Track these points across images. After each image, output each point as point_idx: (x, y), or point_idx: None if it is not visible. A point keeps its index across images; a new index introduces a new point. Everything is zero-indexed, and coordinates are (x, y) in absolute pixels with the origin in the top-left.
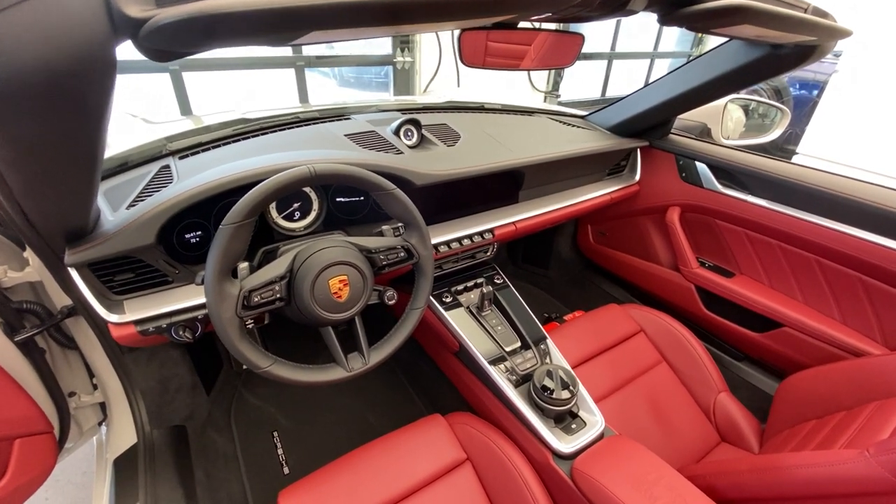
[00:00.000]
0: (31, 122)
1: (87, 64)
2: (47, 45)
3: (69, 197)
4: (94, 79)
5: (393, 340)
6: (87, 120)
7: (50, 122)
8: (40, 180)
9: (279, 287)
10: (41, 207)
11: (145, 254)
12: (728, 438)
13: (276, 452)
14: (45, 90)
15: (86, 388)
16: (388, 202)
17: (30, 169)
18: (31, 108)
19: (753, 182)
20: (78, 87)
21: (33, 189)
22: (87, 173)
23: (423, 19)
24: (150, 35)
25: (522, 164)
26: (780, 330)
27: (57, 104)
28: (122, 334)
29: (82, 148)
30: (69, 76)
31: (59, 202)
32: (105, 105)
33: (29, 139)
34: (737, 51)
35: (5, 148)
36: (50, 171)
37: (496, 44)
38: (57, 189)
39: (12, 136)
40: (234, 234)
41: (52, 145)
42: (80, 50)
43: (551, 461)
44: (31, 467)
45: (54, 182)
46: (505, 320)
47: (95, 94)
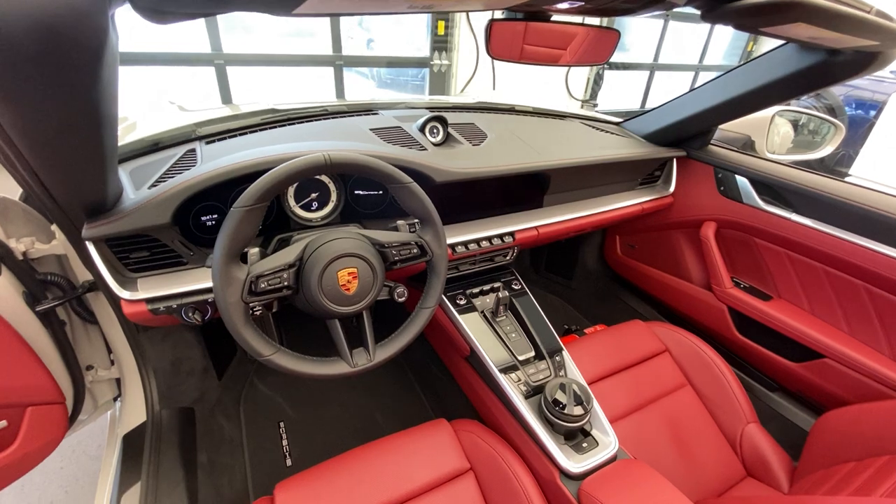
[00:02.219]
0: (22, 82)
1: (77, 25)
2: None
3: (82, 169)
4: (85, 42)
5: (400, 339)
6: (82, 86)
7: (41, 83)
8: (48, 150)
9: (287, 275)
10: (57, 179)
11: (161, 233)
12: (755, 473)
13: (281, 443)
14: (33, 47)
15: (103, 362)
16: (404, 196)
17: (35, 136)
18: (20, 67)
19: (799, 199)
20: (68, 49)
21: (44, 159)
22: (94, 144)
23: None
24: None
25: (549, 167)
26: (819, 361)
27: (46, 65)
28: (134, 311)
29: (84, 117)
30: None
31: (72, 174)
32: (98, 72)
33: (25, 101)
34: (789, 57)
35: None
36: (55, 140)
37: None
38: (67, 160)
39: (8, 98)
40: (244, 217)
41: (51, 111)
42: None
43: (558, 480)
44: (40, 435)
45: (62, 152)
46: (520, 328)
47: (87, 59)
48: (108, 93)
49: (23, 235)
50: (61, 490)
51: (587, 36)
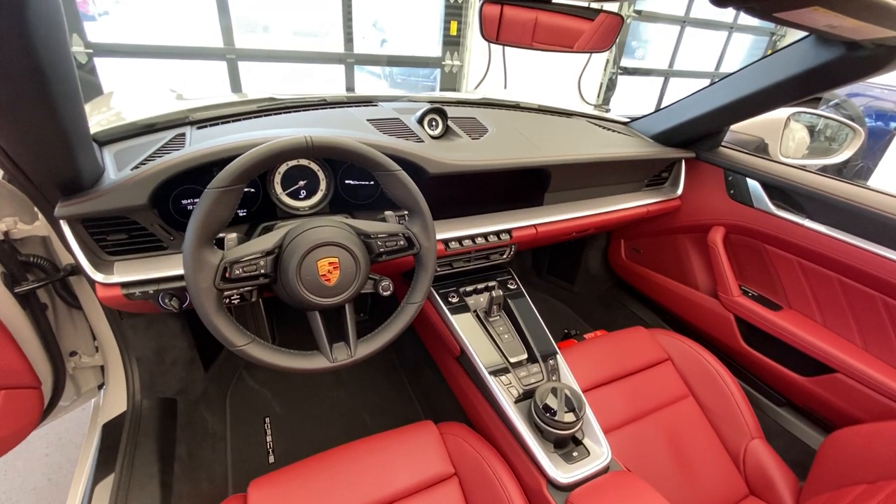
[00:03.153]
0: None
1: None
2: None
3: (44, 140)
4: None
5: (383, 335)
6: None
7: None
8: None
9: (264, 262)
10: (23, 153)
11: (139, 215)
12: (758, 492)
13: (265, 439)
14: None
15: (88, 349)
16: (391, 184)
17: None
18: None
19: (813, 205)
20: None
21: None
22: (47, 111)
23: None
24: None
25: (549, 163)
26: (831, 376)
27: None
28: (108, 295)
29: (23, 77)
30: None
31: (35, 147)
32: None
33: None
34: (806, 52)
35: None
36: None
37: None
38: (24, 129)
39: None
40: (218, 198)
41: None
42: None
43: (545, 490)
44: (12, 421)
45: (17, 119)
46: (513, 329)
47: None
48: (47, 45)
49: (6, 215)
50: (44, 478)
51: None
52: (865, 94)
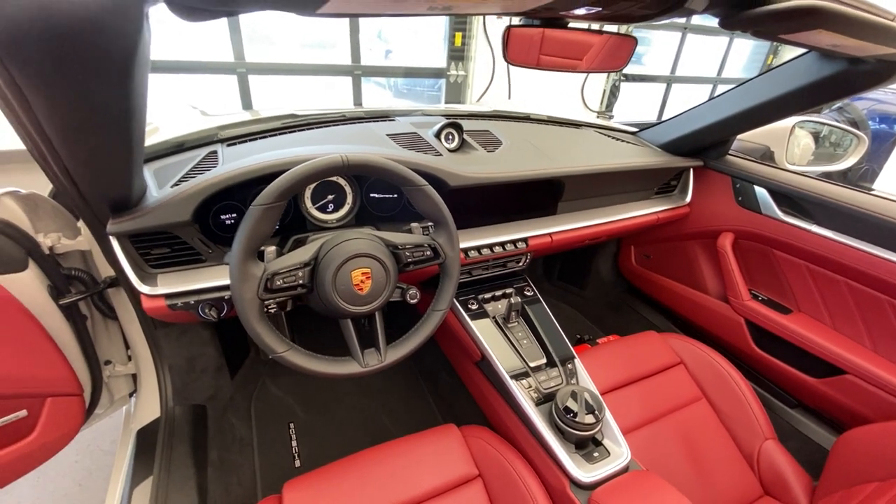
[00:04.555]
0: (58, 77)
1: (115, 20)
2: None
3: (110, 165)
4: (122, 38)
5: (411, 340)
6: (115, 81)
7: (78, 76)
8: (80, 144)
9: (302, 273)
10: (86, 174)
11: (182, 230)
12: (772, 492)
13: (290, 444)
14: (73, 40)
15: (121, 358)
16: (418, 199)
17: (68, 129)
18: (56, 59)
19: (820, 211)
20: (105, 43)
21: (75, 153)
22: (123, 140)
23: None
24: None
25: (563, 173)
26: (841, 377)
27: (84, 58)
28: (152, 306)
29: (114, 110)
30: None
31: (100, 169)
32: (131, 68)
33: (61, 93)
34: (809, 66)
35: (45, 108)
36: (86, 135)
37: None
38: (97, 155)
39: (47, 93)
40: (262, 215)
41: (85, 104)
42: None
43: (568, 489)
44: (58, 426)
45: (93, 146)
46: (532, 335)
47: (122, 55)
48: (138, 90)
49: (50, 231)
50: (75, 483)
51: (605, 43)
52: (868, 98)
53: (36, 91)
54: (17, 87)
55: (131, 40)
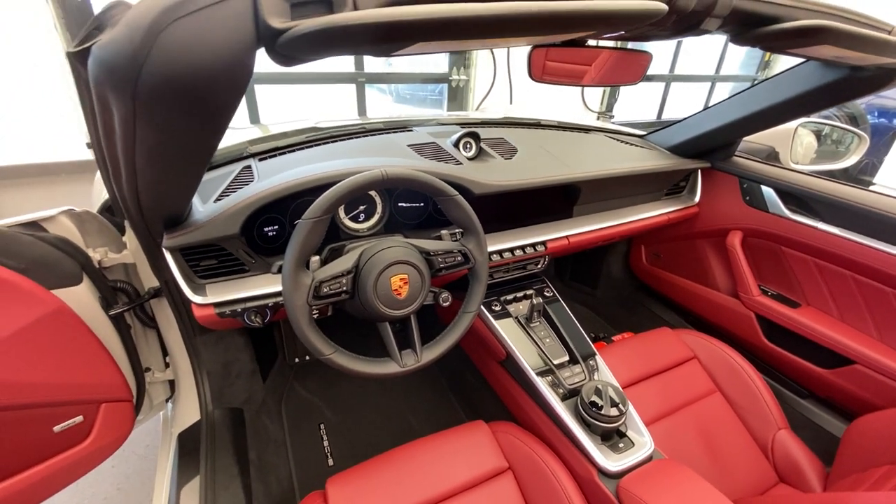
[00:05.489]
0: (179, 117)
1: (234, 69)
2: (210, 50)
3: (180, 188)
4: (235, 83)
5: (445, 341)
6: (219, 119)
7: (193, 118)
8: (166, 172)
9: (346, 280)
10: (155, 197)
11: (228, 243)
12: (787, 479)
13: (321, 444)
14: (200, 88)
15: (159, 365)
16: (450, 208)
17: (163, 161)
18: (185, 104)
19: (826, 208)
20: (222, 88)
21: (157, 180)
22: (200, 168)
23: (515, 33)
24: (288, 43)
25: (580, 178)
26: (850, 367)
27: (204, 103)
28: (203, 314)
29: (206, 145)
30: (219, 79)
31: (171, 193)
32: (235, 107)
33: (173, 133)
34: (813, 72)
35: (152, 140)
36: (175, 165)
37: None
38: (174, 181)
39: (162, 129)
40: (312, 228)
41: (187, 140)
42: (231, 56)
43: (596, 478)
44: (111, 430)
45: (175, 174)
46: (553, 333)
47: (232, 97)
48: (225, 127)
49: (98, 245)
50: (113, 488)
51: (623, 58)
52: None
53: (150, 126)
54: (133, 121)
55: (242, 88)
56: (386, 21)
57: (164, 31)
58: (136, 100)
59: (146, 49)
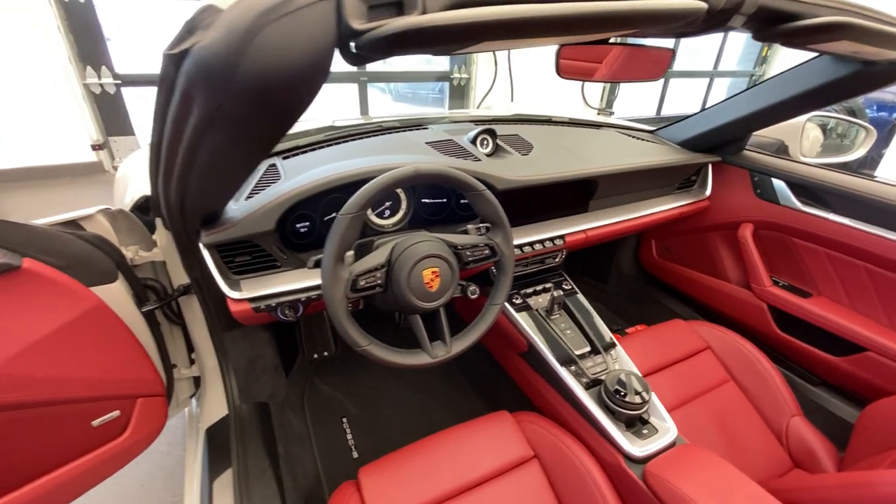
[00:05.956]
0: (260, 114)
1: (315, 68)
2: (298, 50)
3: (230, 187)
4: (314, 82)
5: (473, 332)
6: (292, 117)
7: (272, 115)
8: (224, 170)
9: (380, 274)
10: (202, 195)
11: (262, 239)
12: (802, 465)
13: (345, 437)
14: (285, 87)
15: (184, 361)
16: (479, 203)
17: (226, 159)
18: (270, 102)
19: (837, 200)
20: (303, 87)
21: (212, 178)
22: (255, 166)
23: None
24: (366, 44)
25: (598, 173)
26: (862, 354)
27: (286, 100)
28: (239, 309)
29: (270, 142)
30: (301, 78)
31: (220, 191)
32: (308, 105)
33: (248, 130)
34: (825, 67)
35: (223, 138)
36: (236, 162)
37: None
38: (229, 179)
39: (239, 126)
40: (350, 223)
41: (256, 138)
42: (315, 55)
43: (623, 463)
44: (147, 425)
45: (232, 172)
46: (574, 325)
47: (308, 95)
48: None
49: (129, 244)
50: (138, 484)
51: (646, 55)
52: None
53: (228, 124)
54: (213, 119)
55: (319, 86)
56: (463, 23)
57: (259, 34)
58: (227, 98)
59: (243, 50)
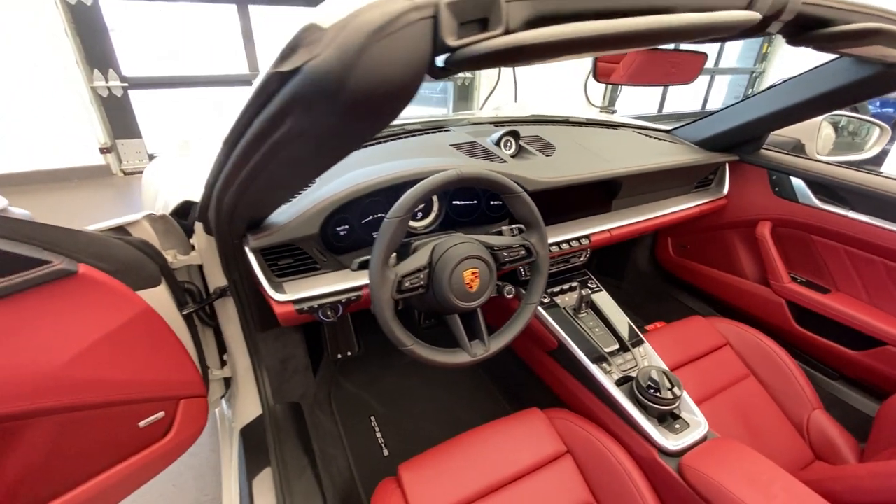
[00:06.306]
0: (356, 125)
1: (411, 81)
2: (399, 65)
3: (288, 194)
4: (407, 94)
5: (510, 331)
6: (380, 128)
7: (365, 126)
8: (292, 179)
9: (423, 275)
10: (259, 201)
11: (305, 242)
12: (823, 457)
13: (374, 435)
14: (383, 100)
15: (215, 363)
16: (516, 204)
17: (301, 168)
18: (368, 115)
19: (856, 197)
20: (397, 99)
21: (278, 186)
22: (320, 172)
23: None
24: (457, 60)
25: (623, 173)
26: (882, 348)
27: (380, 112)
28: (283, 311)
29: (347, 153)
30: (399, 91)
31: (275, 200)
32: (396, 117)
33: (340, 139)
34: (847, 68)
35: (307, 150)
36: (308, 172)
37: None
38: (294, 186)
39: (331, 137)
40: (397, 226)
41: (338, 148)
42: (412, 70)
43: (657, 457)
44: (189, 425)
45: (300, 181)
46: (602, 323)
47: (401, 107)
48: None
49: (167, 248)
50: (169, 484)
51: (682, 59)
52: None
53: (316, 137)
54: (305, 131)
55: (410, 98)
56: (551, 41)
57: (367, 52)
58: (331, 111)
59: (352, 67)
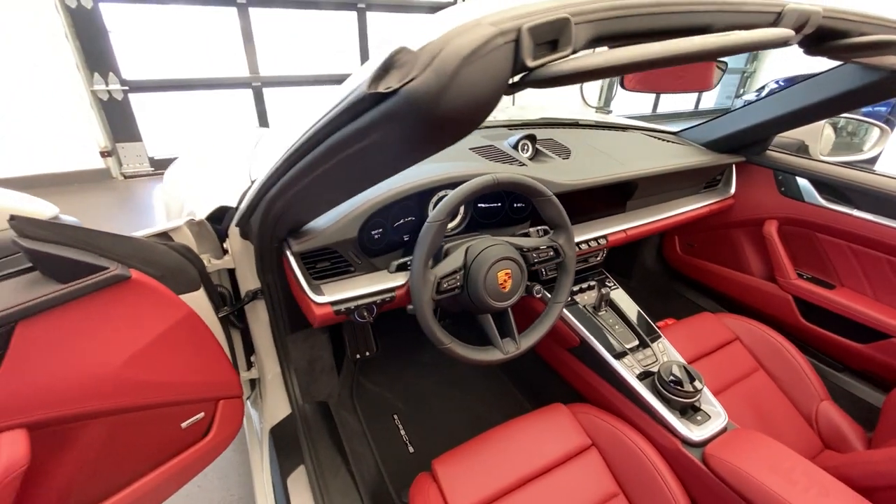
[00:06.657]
0: (434, 138)
1: (493, 98)
2: (485, 85)
3: (338, 203)
4: (489, 110)
5: (538, 330)
6: (448, 145)
7: (441, 143)
8: (349, 188)
9: (459, 276)
10: (307, 209)
11: (342, 246)
12: (832, 446)
13: (398, 433)
14: (467, 118)
15: (243, 364)
16: (546, 207)
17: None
18: (449, 131)
19: (860, 196)
20: (477, 117)
21: (334, 196)
22: (376, 181)
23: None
24: (534, 79)
25: (639, 175)
26: (887, 341)
27: (460, 128)
28: (321, 312)
29: (409, 164)
30: (481, 108)
31: (323, 208)
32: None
33: (411, 151)
34: (854, 73)
35: (378, 161)
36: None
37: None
38: (348, 194)
39: (409, 150)
40: (437, 230)
41: (405, 162)
42: (494, 89)
43: (681, 447)
44: (227, 426)
45: (356, 189)
46: (621, 320)
47: (479, 122)
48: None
49: (203, 252)
50: (194, 485)
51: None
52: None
53: (394, 150)
54: (388, 145)
55: (487, 115)
56: (619, 64)
57: (459, 74)
58: (421, 128)
59: (446, 89)
